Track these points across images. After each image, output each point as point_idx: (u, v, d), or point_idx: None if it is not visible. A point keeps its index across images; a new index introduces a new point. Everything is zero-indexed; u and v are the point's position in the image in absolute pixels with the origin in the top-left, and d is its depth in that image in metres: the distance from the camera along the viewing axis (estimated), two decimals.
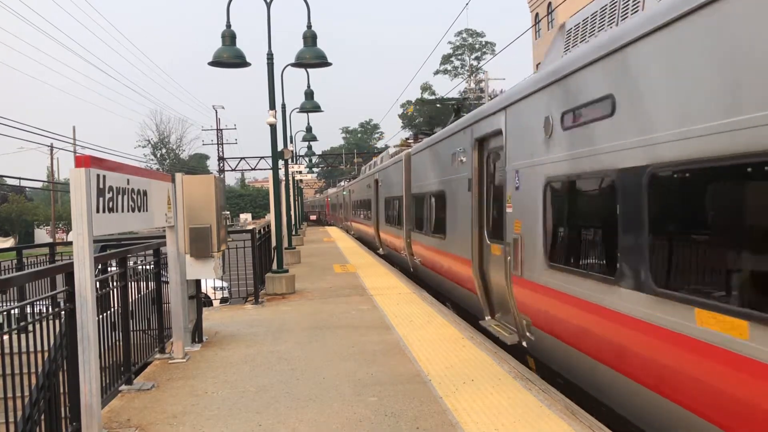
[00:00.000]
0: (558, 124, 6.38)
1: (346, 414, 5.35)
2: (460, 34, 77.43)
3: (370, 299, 11.48)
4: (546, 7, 54.29)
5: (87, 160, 4.76)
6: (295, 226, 29.75)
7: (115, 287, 6.40)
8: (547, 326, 6.73)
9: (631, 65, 5.08)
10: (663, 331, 4.53)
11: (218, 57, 11.95)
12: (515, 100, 7.80)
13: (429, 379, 6.25)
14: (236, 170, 67.21)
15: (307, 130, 33.60)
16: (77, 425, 4.76)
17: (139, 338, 7.07)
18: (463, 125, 10.40)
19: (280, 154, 14.53)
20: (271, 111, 13.02)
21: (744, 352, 3.76)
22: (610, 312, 5.28)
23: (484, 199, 9.44)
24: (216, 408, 5.65)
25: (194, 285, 8.50)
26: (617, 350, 5.22)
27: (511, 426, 4.91)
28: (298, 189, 35.38)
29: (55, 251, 13.86)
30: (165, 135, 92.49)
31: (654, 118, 4.75)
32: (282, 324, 9.49)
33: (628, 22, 5.41)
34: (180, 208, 7.82)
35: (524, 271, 7.29)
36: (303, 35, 12.71)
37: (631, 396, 5.07)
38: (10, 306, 5.11)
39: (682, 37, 4.44)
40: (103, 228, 5.00)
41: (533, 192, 7.05)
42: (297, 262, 18.62)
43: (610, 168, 5.27)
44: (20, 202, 64.63)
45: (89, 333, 4.73)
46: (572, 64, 6.07)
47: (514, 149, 7.85)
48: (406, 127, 78.10)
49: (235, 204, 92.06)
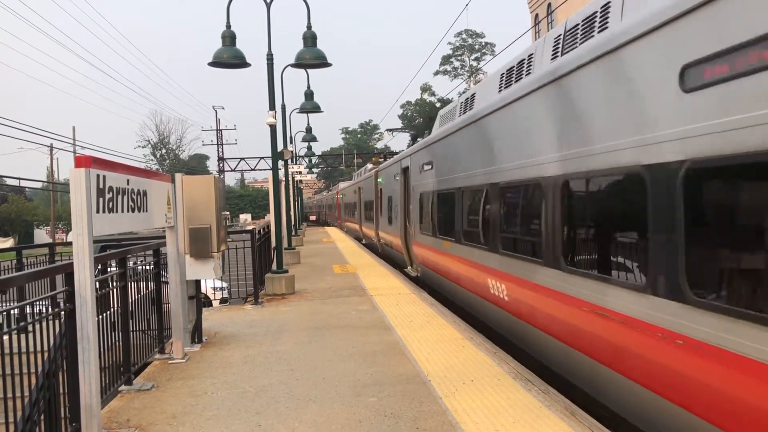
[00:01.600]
0: (421, 167, 14.22)
1: (346, 414, 5.35)
2: (460, 34, 77.41)
3: (370, 300, 11.49)
4: (546, 8, 54.32)
5: (87, 160, 4.76)
6: (295, 227, 29.77)
7: (114, 287, 6.40)
8: (437, 270, 12.82)
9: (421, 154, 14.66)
10: (456, 258, 10.80)
11: (218, 57, 11.95)
12: (412, 152, 15.73)
13: (429, 379, 6.25)
14: (236, 170, 67.07)
15: (307, 130, 33.59)
16: (77, 425, 4.76)
17: (138, 338, 7.07)
18: (398, 159, 18.44)
19: (280, 155, 14.53)
20: (271, 111, 13.02)
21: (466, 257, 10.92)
22: (440, 252, 12.15)
23: (406, 202, 16.56)
24: (216, 408, 5.65)
25: (194, 285, 8.50)
26: (447, 271, 11.74)
27: (511, 426, 4.91)
28: (297, 189, 35.38)
29: (54, 251, 13.87)
30: (165, 135, 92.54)
31: (441, 169, 12.21)
32: (282, 324, 9.49)
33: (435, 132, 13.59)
34: (180, 209, 7.82)
35: (415, 237, 15.03)
36: (303, 36, 12.71)
37: (456, 292, 11.16)
38: (9, 306, 5.10)
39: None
40: (103, 228, 5.00)
41: (416, 198, 14.76)
42: (297, 263, 18.62)
43: (431, 189, 12.92)
44: (20, 203, 64.60)
45: (89, 333, 4.73)
46: (423, 143, 14.33)
47: (412, 177, 15.52)
48: (406, 128, 78.08)
49: (235, 204, 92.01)
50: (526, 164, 7.21)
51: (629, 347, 4.92)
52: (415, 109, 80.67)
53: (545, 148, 6.65)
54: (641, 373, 4.76)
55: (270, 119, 13.05)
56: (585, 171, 5.68)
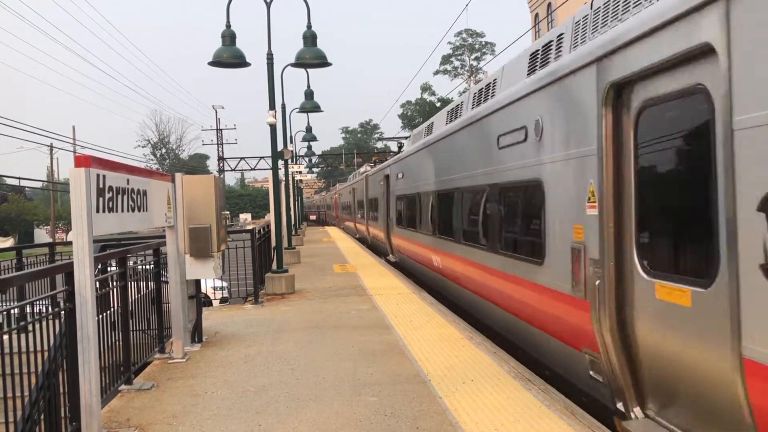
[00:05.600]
0: (396, 175, 18.17)
1: (346, 414, 5.35)
2: (460, 34, 77.48)
3: (370, 299, 11.49)
4: (546, 8, 54.31)
5: (87, 159, 4.76)
6: (295, 226, 29.78)
7: (114, 287, 6.40)
8: (406, 254, 16.75)
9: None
10: (414, 243, 15.23)
11: (218, 57, 11.96)
12: (392, 164, 19.63)
13: (429, 378, 6.26)
14: (236, 170, 67.13)
15: (307, 130, 33.61)
16: (77, 425, 4.76)
17: (138, 338, 7.07)
18: (382, 168, 22.29)
19: (280, 154, 14.52)
20: (271, 111, 13.02)
21: None
22: (407, 239, 16.18)
23: (387, 203, 20.43)
24: (216, 408, 5.66)
25: (194, 285, 8.50)
26: (412, 254, 15.71)
27: (511, 426, 4.91)
28: (297, 189, 35.39)
29: (54, 251, 13.86)
30: (165, 135, 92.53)
31: (408, 178, 16.61)
32: (282, 324, 9.50)
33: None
34: (180, 208, 7.82)
35: (393, 230, 19.16)
36: (303, 35, 12.71)
37: (418, 270, 15.07)
38: (10, 306, 5.10)
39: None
40: (103, 228, 5.00)
41: (393, 200, 18.74)
42: (297, 262, 18.63)
43: (402, 193, 17.11)
44: (20, 202, 64.58)
45: (89, 333, 4.73)
46: (398, 158, 18.73)
47: (391, 183, 19.47)
48: (406, 127, 78.13)
49: (235, 204, 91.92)
50: (448, 180, 11.37)
51: (484, 281, 9.08)
52: (416, 109, 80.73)
53: (450, 170, 11.19)
54: (486, 291, 9.03)
55: (270, 119, 13.05)
56: (468, 186, 9.90)
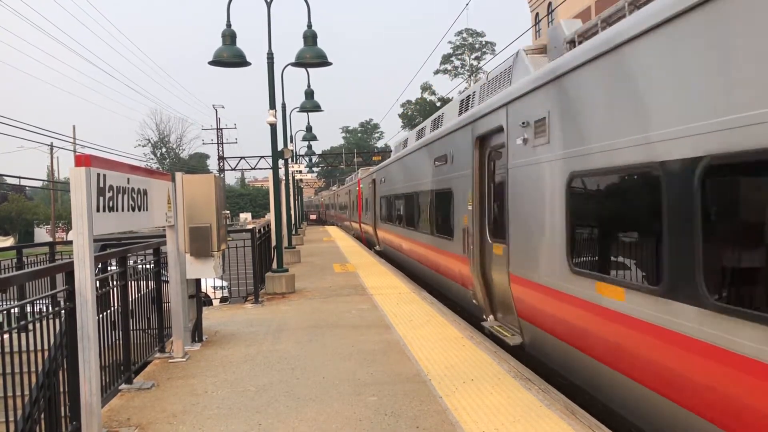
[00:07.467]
0: (381, 179, 22.34)
1: (346, 413, 5.35)
2: (461, 33, 77.43)
3: (370, 299, 11.49)
4: (546, 7, 54.29)
5: (87, 159, 4.76)
6: (295, 226, 29.79)
7: (115, 286, 6.40)
8: (387, 243, 20.97)
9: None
10: (392, 233, 19.31)
11: (218, 56, 11.95)
12: (379, 169, 23.66)
13: (429, 378, 6.26)
14: (236, 170, 67.05)
15: (307, 129, 33.58)
16: (77, 424, 4.76)
17: (139, 337, 7.07)
18: (372, 172, 26.04)
19: (280, 154, 14.52)
20: (271, 110, 13.02)
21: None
22: (388, 231, 20.34)
23: (375, 202, 23.64)
24: (216, 407, 5.66)
25: (194, 284, 8.50)
26: (390, 242, 19.96)
27: (511, 425, 4.91)
28: (298, 188, 35.38)
29: (55, 250, 13.85)
30: (165, 134, 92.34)
31: (389, 182, 20.63)
32: (282, 323, 9.50)
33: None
34: (180, 208, 7.82)
35: (379, 225, 23.10)
36: (303, 35, 12.72)
37: (396, 256, 19.14)
38: (10, 305, 5.10)
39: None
40: (103, 227, 5.00)
41: (380, 200, 22.51)
42: (297, 262, 18.63)
43: (386, 195, 20.87)
44: (20, 201, 64.59)
45: (89, 332, 4.73)
46: (383, 165, 22.94)
47: (378, 186, 23.23)
48: (406, 127, 78.09)
49: (235, 203, 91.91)
50: (410, 186, 15.43)
51: (426, 254, 12.96)
52: (416, 108, 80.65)
53: (412, 178, 15.23)
54: (425, 260, 13.20)
55: (270, 118, 13.05)
56: (421, 191, 13.70)
